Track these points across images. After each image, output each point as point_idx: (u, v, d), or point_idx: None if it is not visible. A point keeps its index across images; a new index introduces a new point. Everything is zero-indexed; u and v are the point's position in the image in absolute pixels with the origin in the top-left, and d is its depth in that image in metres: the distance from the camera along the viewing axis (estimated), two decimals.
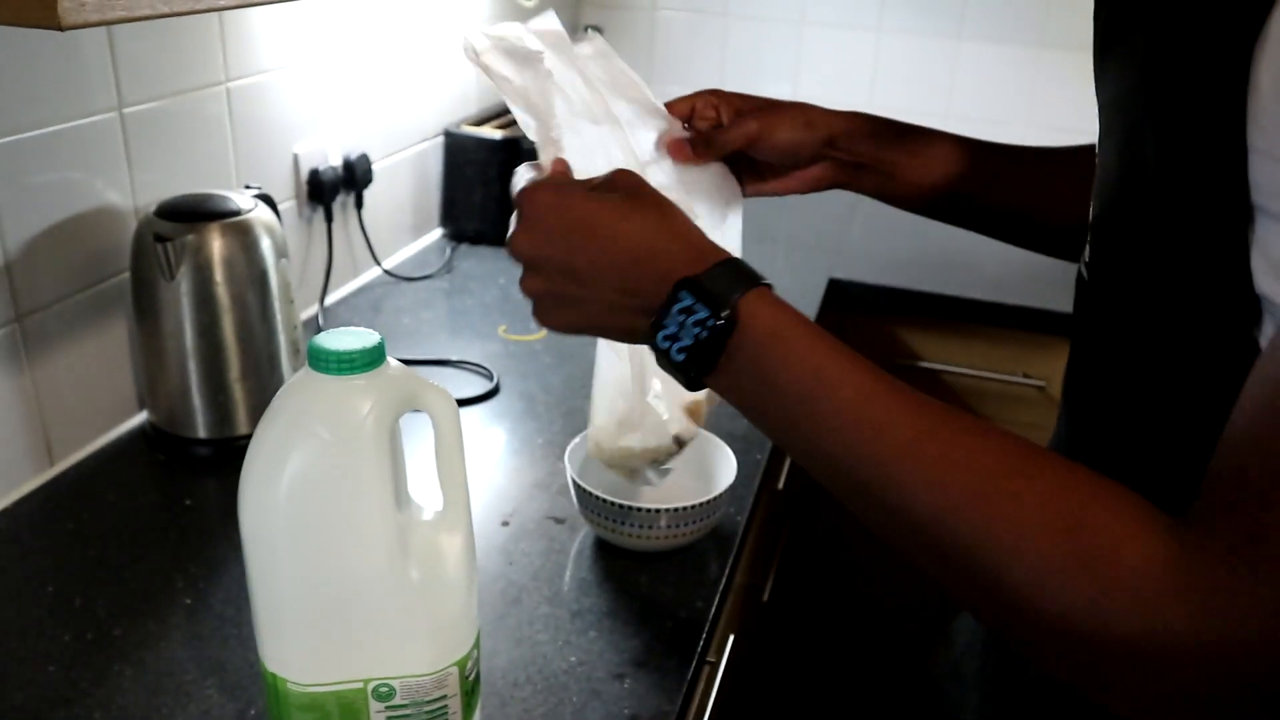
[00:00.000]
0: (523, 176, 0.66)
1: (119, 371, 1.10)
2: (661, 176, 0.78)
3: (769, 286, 0.56)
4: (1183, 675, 0.42)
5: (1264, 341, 0.48)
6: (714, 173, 0.82)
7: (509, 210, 0.65)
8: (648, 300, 0.56)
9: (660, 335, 0.55)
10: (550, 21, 0.78)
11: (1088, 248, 0.66)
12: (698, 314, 0.54)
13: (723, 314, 0.53)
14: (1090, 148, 0.69)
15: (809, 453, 0.52)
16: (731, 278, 0.55)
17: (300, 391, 0.61)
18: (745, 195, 0.84)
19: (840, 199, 0.99)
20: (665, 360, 0.56)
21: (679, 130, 0.80)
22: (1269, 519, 0.40)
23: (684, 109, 0.81)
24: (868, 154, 0.82)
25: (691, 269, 0.55)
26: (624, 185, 0.61)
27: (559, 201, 0.61)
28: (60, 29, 0.55)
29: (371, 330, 0.61)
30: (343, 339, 0.60)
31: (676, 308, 0.54)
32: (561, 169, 0.68)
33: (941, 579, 0.49)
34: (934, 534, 0.47)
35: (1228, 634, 0.40)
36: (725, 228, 0.83)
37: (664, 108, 0.82)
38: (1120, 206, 0.59)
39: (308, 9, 1.31)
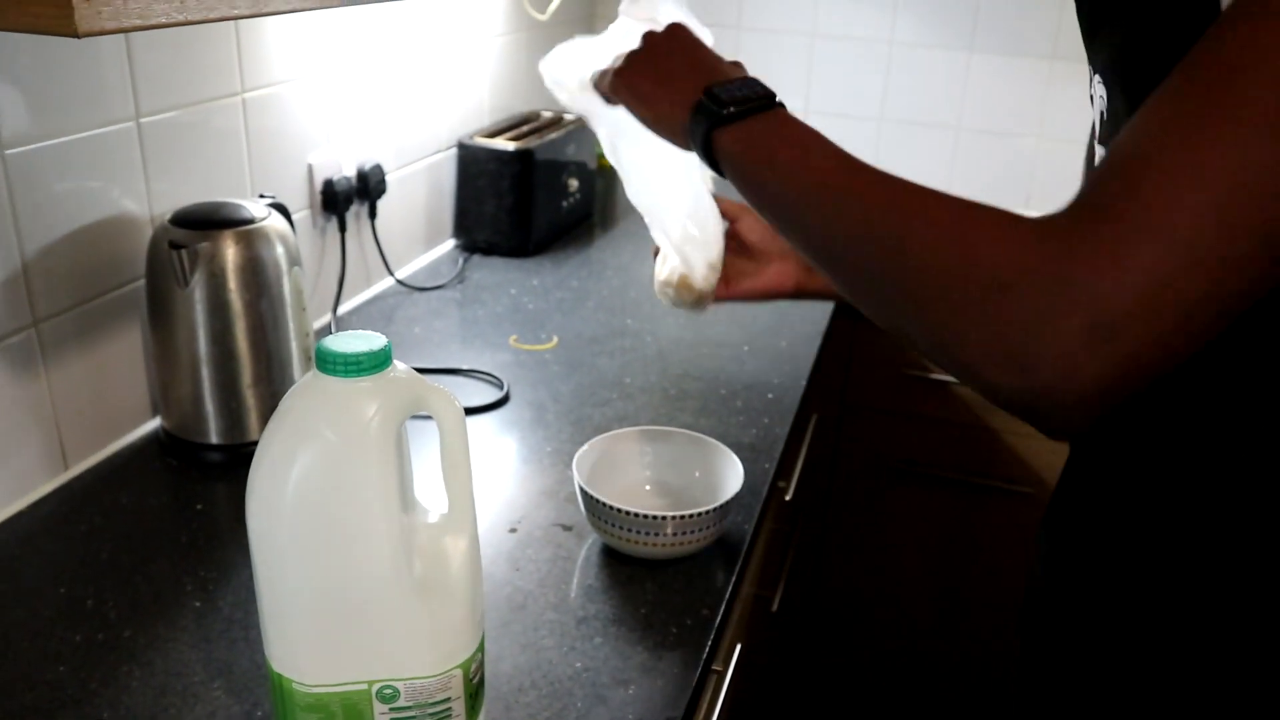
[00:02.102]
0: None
1: (133, 377, 1.12)
2: None
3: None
4: (1036, 301, 0.48)
5: None
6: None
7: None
8: (714, 77, 0.75)
9: (716, 92, 0.72)
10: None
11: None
12: (754, 90, 0.72)
13: (775, 98, 0.72)
14: None
15: (792, 207, 0.64)
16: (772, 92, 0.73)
17: (307, 393, 0.61)
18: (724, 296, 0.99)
19: None
20: (707, 110, 0.71)
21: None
22: (1128, 200, 0.47)
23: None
24: None
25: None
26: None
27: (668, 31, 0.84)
28: (77, 36, 0.57)
29: (378, 334, 0.62)
30: (350, 342, 0.61)
31: (740, 82, 0.73)
32: None
33: (880, 284, 0.57)
34: (870, 237, 0.58)
35: (1070, 272, 0.47)
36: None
37: None
38: None
39: (322, 21, 1.32)
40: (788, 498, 1.36)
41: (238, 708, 0.76)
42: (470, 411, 1.20)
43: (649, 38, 0.82)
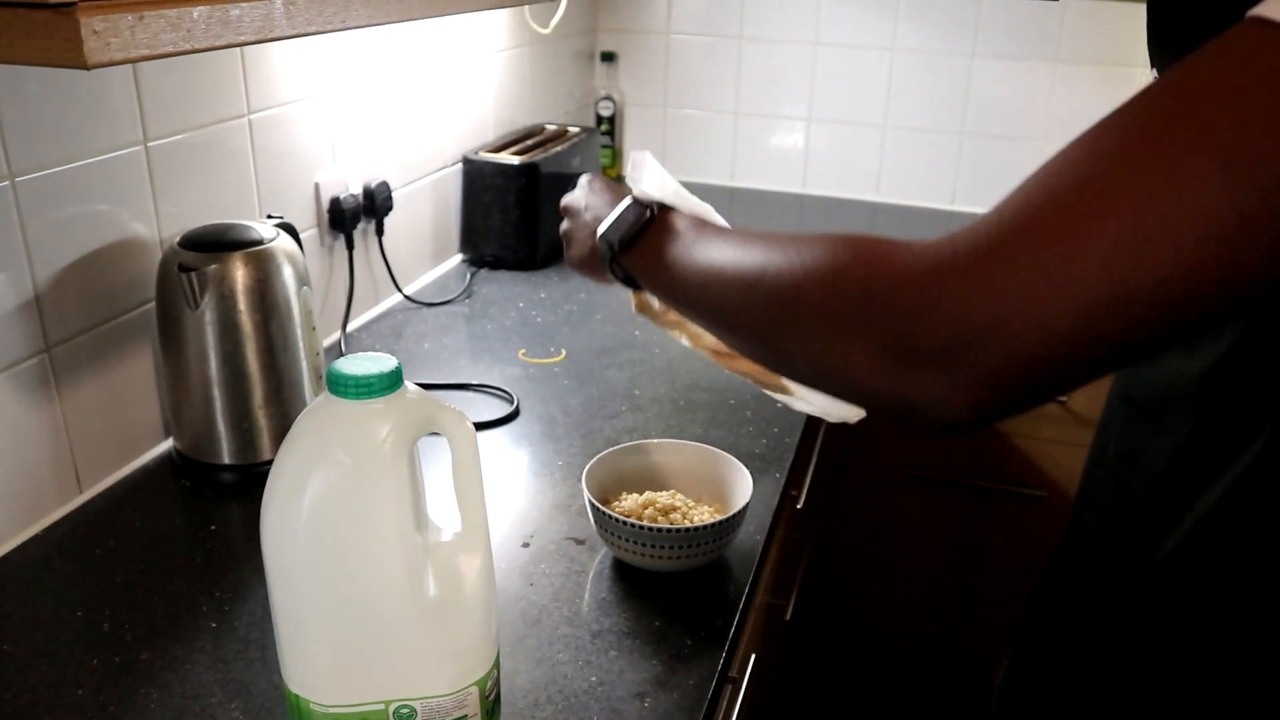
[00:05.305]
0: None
1: (146, 399, 1.12)
2: None
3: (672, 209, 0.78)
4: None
5: None
6: None
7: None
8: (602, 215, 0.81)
9: (605, 227, 0.78)
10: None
11: None
12: (632, 214, 0.77)
13: (649, 211, 0.77)
14: None
15: (691, 295, 0.69)
16: (649, 206, 0.78)
17: (320, 416, 0.62)
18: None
19: (857, 213, 0.99)
20: (605, 258, 0.79)
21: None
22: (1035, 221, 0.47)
23: None
24: None
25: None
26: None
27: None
28: (86, 68, 0.57)
29: (389, 355, 0.62)
30: (361, 364, 0.61)
31: (620, 208, 0.78)
32: None
33: (769, 321, 0.59)
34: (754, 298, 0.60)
35: (942, 285, 0.48)
36: None
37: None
38: None
39: (327, 41, 1.33)
40: (799, 506, 1.36)
41: None
42: (481, 426, 1.20)
43: (562, 212, 0.92)
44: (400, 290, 1.56)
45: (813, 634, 1.94)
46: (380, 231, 1.50)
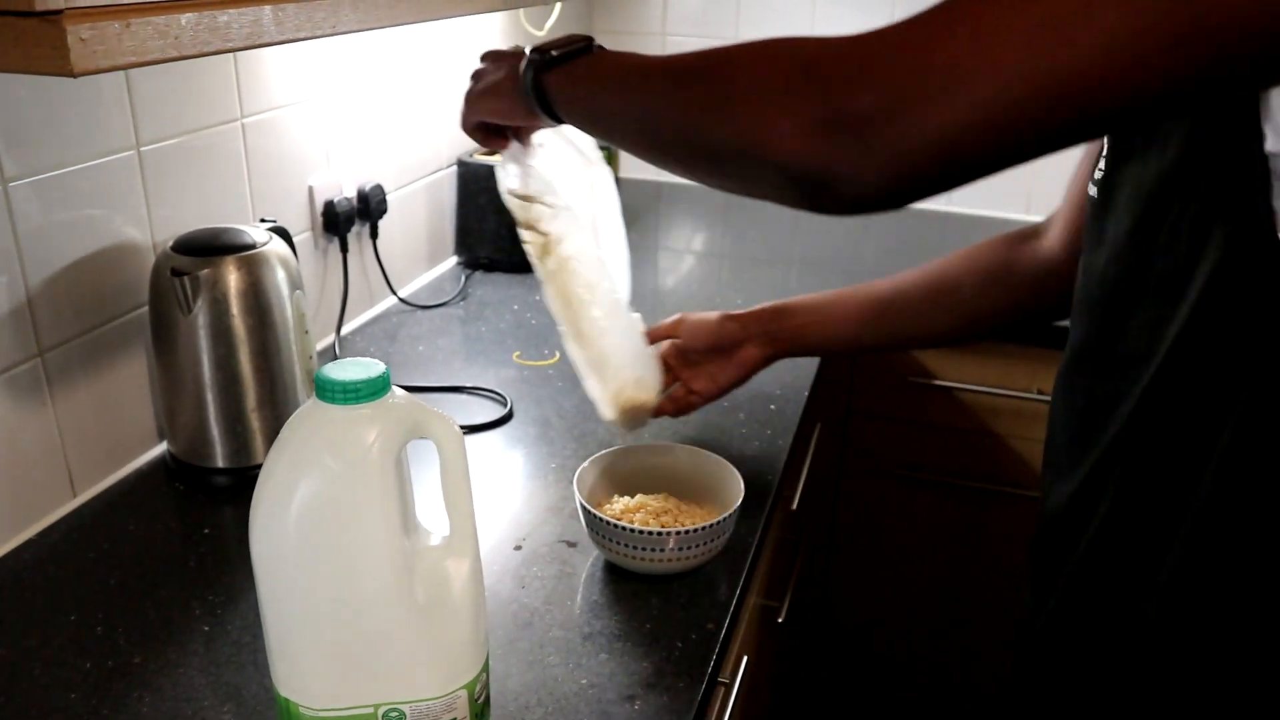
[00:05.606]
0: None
1: (139, 403, 1.13)
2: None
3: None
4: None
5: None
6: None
7: None
8: (534, 48, 0.79)
9: (539, 47, 0.78)
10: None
11: (1100, 165, 0.69)
12: (573, 39, 0.77)
13: (592, 42, 0.77)
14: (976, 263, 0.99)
15: (612, 103, 0.72)
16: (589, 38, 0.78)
17: (307, 421, 0.62)
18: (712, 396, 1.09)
19: (855, 221, 1.00)
20: (534, 64, 0.78)
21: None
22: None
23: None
24: (783, 330, 1.06)
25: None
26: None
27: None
28: (73, 75, 0.58)
29: (377, 360, 0.63)
30: (348, 369, 0.62)
31: (560, 39, 0.78)
32: None
33: (708, 150, 0.60)
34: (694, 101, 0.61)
35: (875, 51, 0.51)
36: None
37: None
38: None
39: (320, 44, 1.33)
40: (793, 507, 1.37)
41: None
42: (474, 429, 1.21)
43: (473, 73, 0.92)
44: (395, 293, 1.57)
45: (807, 636, 1.95)
46: (374, 234, 1.50)
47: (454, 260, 1.77)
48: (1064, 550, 0.74)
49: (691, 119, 0.61)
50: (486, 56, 0.91)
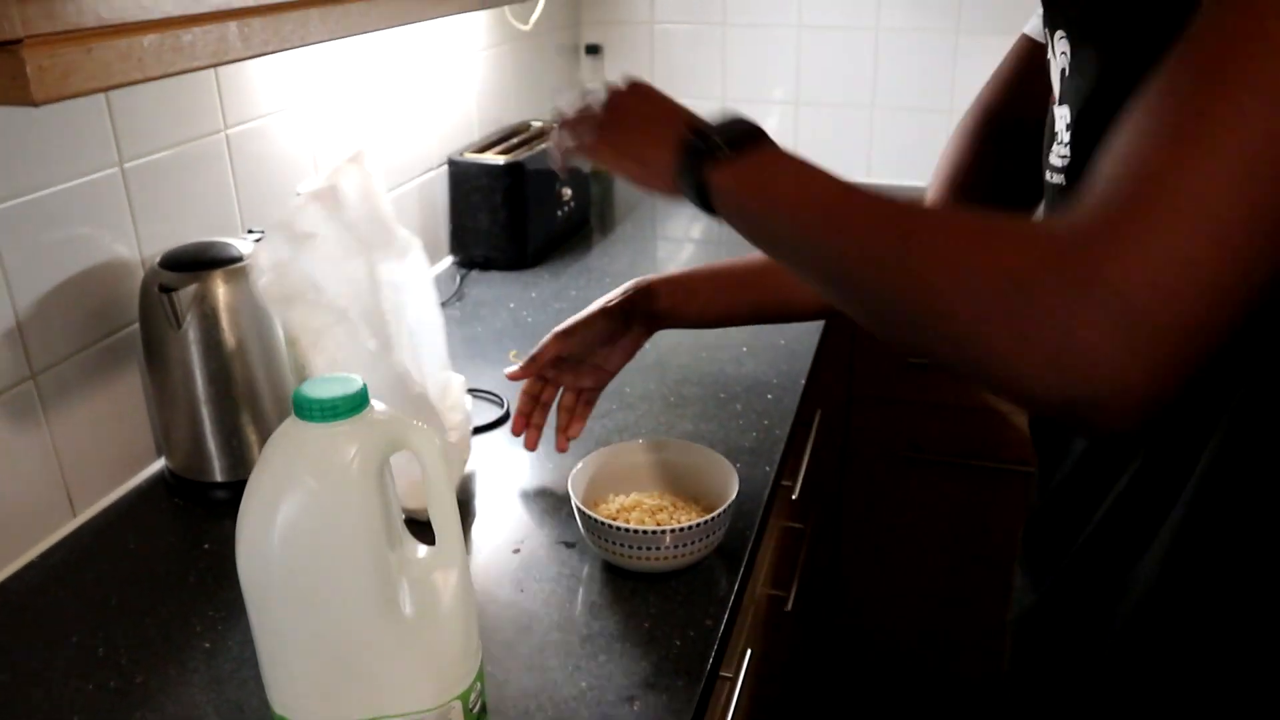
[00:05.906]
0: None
1: (136, 420, 1.13)
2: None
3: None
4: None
5: None
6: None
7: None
8: (694, 118, 0.71)
9: (704, 130, 0.68)
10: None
11: (1059, 151, 0.67)
12: (740, 125, 0.68)
13: (762, 131, 0.68)
14: None
15: (789, 232, 0.63)
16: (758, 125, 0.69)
17: (287, 441, 0.62)
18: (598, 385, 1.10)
19: None
20: (698, 150, 0.68)
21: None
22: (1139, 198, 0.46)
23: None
24: (658, 309, 1.07)
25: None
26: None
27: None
28: (35, 105, 0.57)
29: (354, 376, 0.62)
30: (326, 386, 0.61)
31: (724, 120, 0.69)
32: None
33: (897, 304, 0.55)
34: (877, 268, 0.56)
35: (1094, 264, 0.46)
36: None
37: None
38: (1100, 101, 0.61)
39: (302, 52, 1.33)
40: (794, 496, 1.36)
41: None
42: (472, 431, 1.20)
43: (613, 94, 0.77)
44: None
45: (816, 623, 1.94)
46: None
47: (449, 260, 1.76)
48: (1058, 539, 0.74)
49: (891, 296, 0.55)
50: (636, 90, 0.76)
